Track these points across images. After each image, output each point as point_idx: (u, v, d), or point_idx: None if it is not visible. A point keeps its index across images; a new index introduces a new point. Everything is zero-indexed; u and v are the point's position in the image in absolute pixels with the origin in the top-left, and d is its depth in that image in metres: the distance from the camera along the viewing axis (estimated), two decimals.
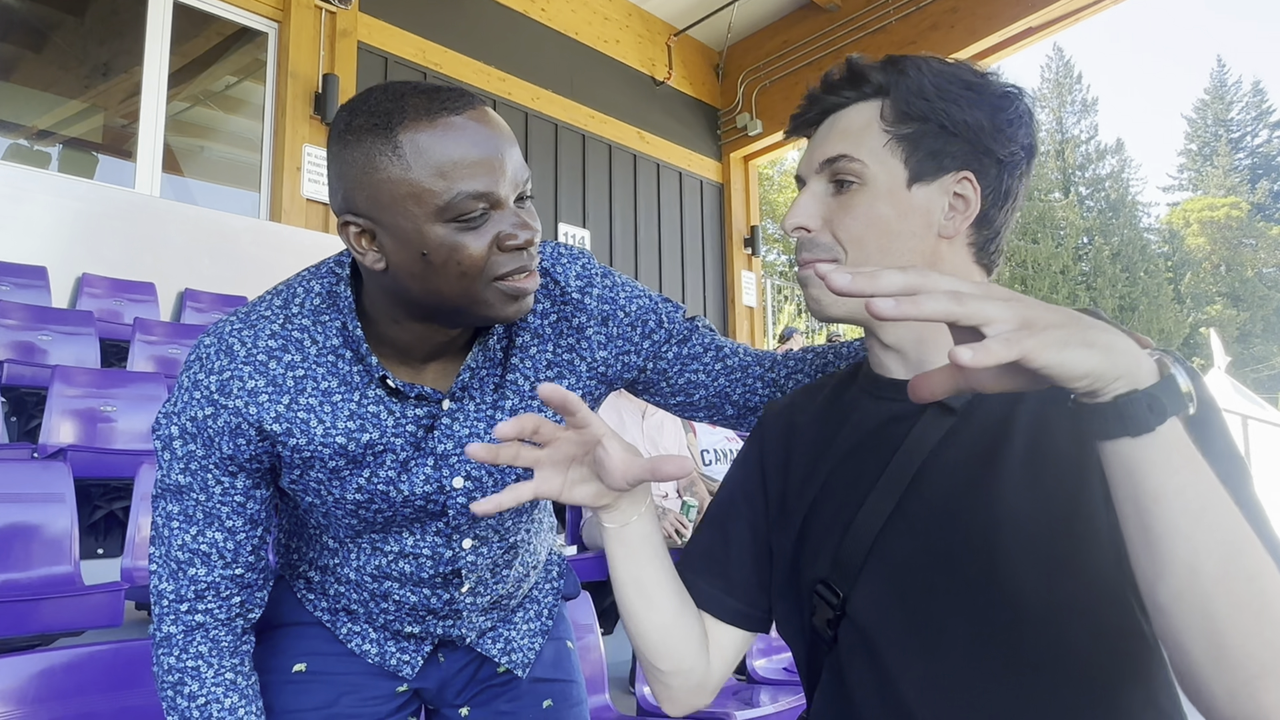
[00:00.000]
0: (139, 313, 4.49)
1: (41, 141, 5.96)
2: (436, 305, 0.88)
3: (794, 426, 0.93)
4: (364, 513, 1.01)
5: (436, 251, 0.84)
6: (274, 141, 5.96)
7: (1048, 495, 0.73)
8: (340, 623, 1.15)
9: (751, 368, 1.10)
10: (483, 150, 0.83)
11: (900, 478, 0.80)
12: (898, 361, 0.86)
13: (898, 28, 8.02)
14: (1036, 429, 0.76)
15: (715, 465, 4.13)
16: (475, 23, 7.26)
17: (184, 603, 0.99)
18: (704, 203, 9.38)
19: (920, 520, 0.78)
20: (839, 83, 0.85)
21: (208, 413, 0.92)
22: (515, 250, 0.86)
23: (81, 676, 1.46)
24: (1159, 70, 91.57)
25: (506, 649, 1.20)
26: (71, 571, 2.19)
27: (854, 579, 0.80)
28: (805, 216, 0.84)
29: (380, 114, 0.83)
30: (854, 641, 0.80)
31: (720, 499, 0.98)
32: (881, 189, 0.81)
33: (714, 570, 0.93)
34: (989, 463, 0.76)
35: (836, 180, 0.83)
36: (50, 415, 2.88)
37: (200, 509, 0.96)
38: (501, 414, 1.02)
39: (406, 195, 0.82)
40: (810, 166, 0.85)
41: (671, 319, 1.08)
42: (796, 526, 0.87)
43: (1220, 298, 34.74)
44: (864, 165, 0.81)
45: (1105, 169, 35.20)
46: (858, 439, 0.86)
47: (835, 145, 0.83)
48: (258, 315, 0.95)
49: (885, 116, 0.82)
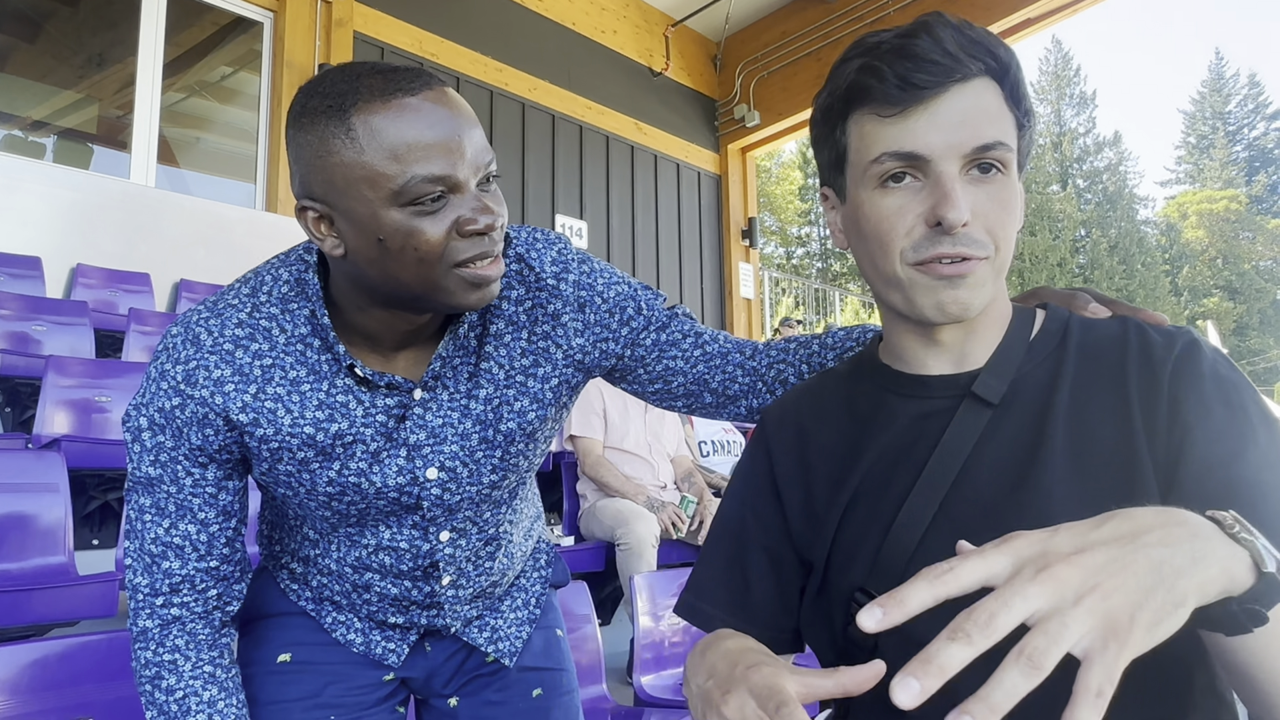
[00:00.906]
0: (134, 303, 4.48)
1: (36, 132, 5.93)
2: (395, 292, 0.87)
3: (805, 434, 0.89)
4: (337, 505, 1.00)
5: (393, 237, 0.82)
6: (269, 132, 5.94)
7: (1097, 486, 0.71)
8: (325, 612, 1.14)
9: (731, 355, 1.08)
10: (439, 132, 0.81)
11: (942, 476, 0.76)
12: (935, 355, 0.82)
13: (896, 18, 7.99)
14: (1077, 418, 0.74)
15: (713, 457, 4.13)
16: (472, 12, 7.23)
17: (159, 596, 0.98)
18: (701, 194, 9.36)
19: (966, 519, 0.75)
20: (961, 52, 0.73)
21: (175, 403, 0.91)
22: (475, 235, 0.84)
23: (75, 666, 1.46)
24: (1157, 64, 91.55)
25: (494, 638, 1.19)
26: (66, 562, 2.19)
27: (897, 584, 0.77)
28: (968, 209, 0.73)
29: (335, 95, 0.81)
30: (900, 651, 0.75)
31: (725, 521, 0.93)
32: (1015, 180, 0.76)
33: (733, 599, 0.89)
34: (1033, 457, 0.74)
35: (980, 167, 0.74)
36: (44, 405, 2.87)
37: (172, 501, 0.95)
38: (476, 403, 1.00)
39: (360, 179, 0.80)
40: (951, 149, 0.73)
41: (651, 306, 1.06)
42: (829, 536, 0.82)
43: (1217, 290, 34.79)
44: (1011, 152, 0.75)
45: (1103, 162, 35.21)
46: (887, 439, 0.82)
47: (989, 130, 0.73)
48: (225, 304, 0.94)
49: (1008, 101, 0.75)
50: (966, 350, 0.81)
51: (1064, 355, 0.78)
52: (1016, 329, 0.81)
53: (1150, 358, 0.74)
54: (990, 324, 0.81)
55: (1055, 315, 0.82)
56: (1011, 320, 0.82)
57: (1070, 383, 0.76)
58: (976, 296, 0.75)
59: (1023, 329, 0.81)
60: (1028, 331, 0.81)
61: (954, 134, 0.72)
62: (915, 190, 0.74)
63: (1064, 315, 0.82)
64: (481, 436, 1.01)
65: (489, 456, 1.02)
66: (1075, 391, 0.75)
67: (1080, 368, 0.77)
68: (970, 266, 0.74)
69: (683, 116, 9.20)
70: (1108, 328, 0.79)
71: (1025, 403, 0.76)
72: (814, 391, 0.93)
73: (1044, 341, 0.80)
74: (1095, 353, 0.77)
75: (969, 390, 0.78)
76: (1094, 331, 0.79)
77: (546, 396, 1.03)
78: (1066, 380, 0.76)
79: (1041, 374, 0.78)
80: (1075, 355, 0.77)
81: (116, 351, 3.97)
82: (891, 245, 0.76)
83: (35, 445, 2.65)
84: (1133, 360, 0.75)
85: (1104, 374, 0.75)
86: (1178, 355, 0.73)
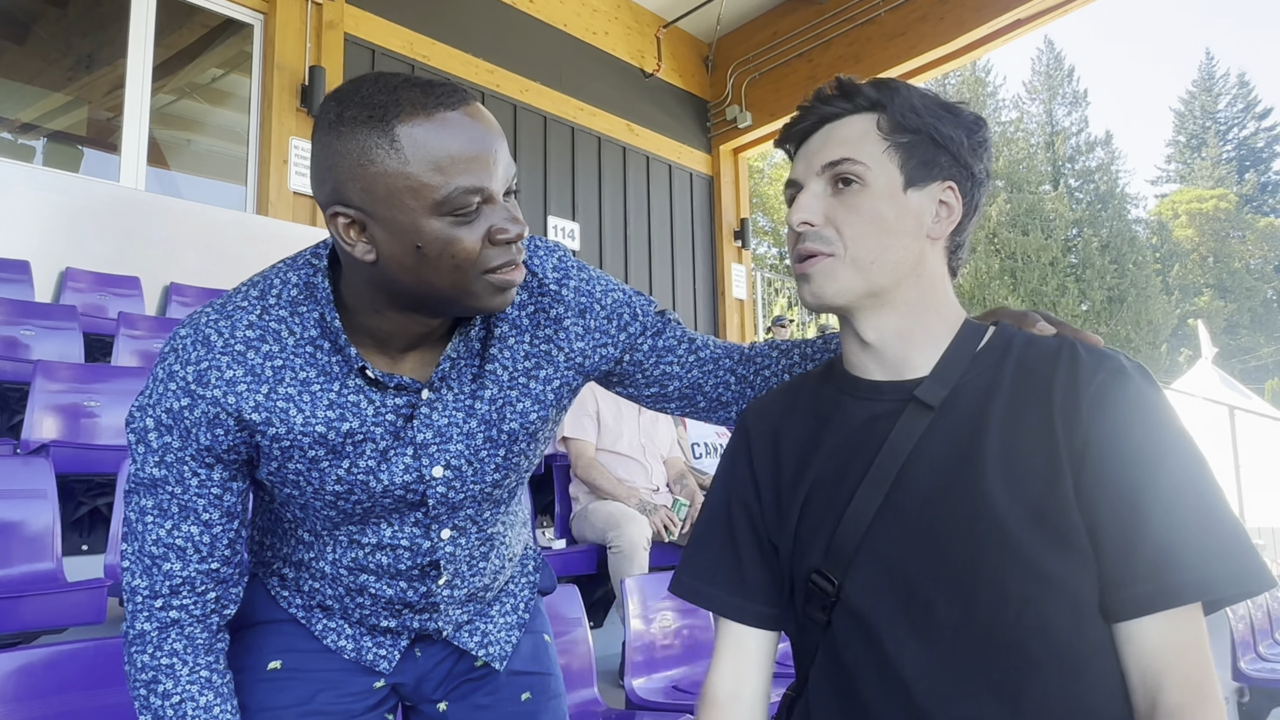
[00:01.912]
0: (123, 307, 4.46)
1: (25, 135, 5.91)
2: (426, 296, 0.90)
3: (779, 430, 0.99)
4: (343, 504, 1.01)
5: (431, 245, 0.85)
6: (260, 134, 5.92)
7: (1023, 489, 0.81)
8: (315, 619, 1.14)
9: (722, 360, 1.13)
10: (477, 146, 0.85)
11: (886, 472, 0.87)
12: (875, 362, 0.93)
13: (887, 19, 8.01)
14: (1009, 427, 0.84)
15: (705, 459, 4.14)
16: (463, 14, 7.22)
17: (158, 599, 0.98)
18: (694, 195, 9.37)
19: (907, 511, 0.85)
20: (833, 96, 0.93)
21: (184, 404, 0.92)
22: (505, 244, 0.88)
23: (63, 674, 1.45)
24: (1147, 64, 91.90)
25: (484, 642, 1.20)
26: (54, 568, 2.18)
27: (847, 567, 0.87)
28: (810, 212, 0.90)
29: (375, 106, 0.83)
30: (849, 624, 0.87)
31: (714, 506, 1.03)
32: (882, 191, 0.89)
33: (731, 578, 0.98)
34: (968, 458, 0.84)
35: (839, 181, 0.90)
36: (33, 410, 2.86)
37: (175, 502, 0.95)
38: (480, 403, 1.02)
39: (404, 189, 0.83)
40: (810, 170, 0.92)
41: (645, 312, 1.11)
42: (793, 524, 0.93)
43: (1208, 289, 34.93)
44: (866, 168, 0.89)
45: (1094, 161, 35.29)
46: (842, 437, 0.92)
47: (837, 150, 0.90)
48: (234, 306, 0.95)
49: (882, 127, 0.90)
50: (904, 357, 0.91)
51: (1003, 367, 0.88)
52: (963, 341, 0.91)
53: (1075, 377, 0.83)
54: (925, 335, 0.91)
55: (1003, 331, 0.92)
56: (959, 332, 0.91)
57: (1006, 392, 0.86)
58: (826, 287, 0.90)
59: (970, 341, 0.91)
60: (975, 343, 0.91)
61: (812, 159, 0.92)
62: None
63: (1011, 332, 0.92)
64: (486, 436, 1.03)
65: (493, 455, 1.05)
66: (1010, 401, 0.85)
67: (1016, 379, 0.86)
68: (814, 262, 0.90)
69: (675, 117, 9.20)
70: (1047, 344, 0.89)
71: (963, 408, 0.87)
72: (789, 392, 1.03)
73: (987, 354, 0.90)
74: (1031, 367, 0.87)
75: (913, 395, 0.89)
76: (1034, 347, 0.89)
77: (548, 398, 1.06)
78: (1003, 390, 0.86)
79: (981, 383, 0.87)
80: (1014, 368, 0.87)
81: (106, 356, 3.96)
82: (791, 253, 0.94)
83: (23, 451, 2.64)
84: (1060, 378, 0.84)
85: (1035, 387, 0.85)
86: (1101, 380, 0.82)
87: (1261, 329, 34.42)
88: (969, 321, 0.93)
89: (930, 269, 0.91)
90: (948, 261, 0.94)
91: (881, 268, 0.88)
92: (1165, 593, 0.76)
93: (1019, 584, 0.79)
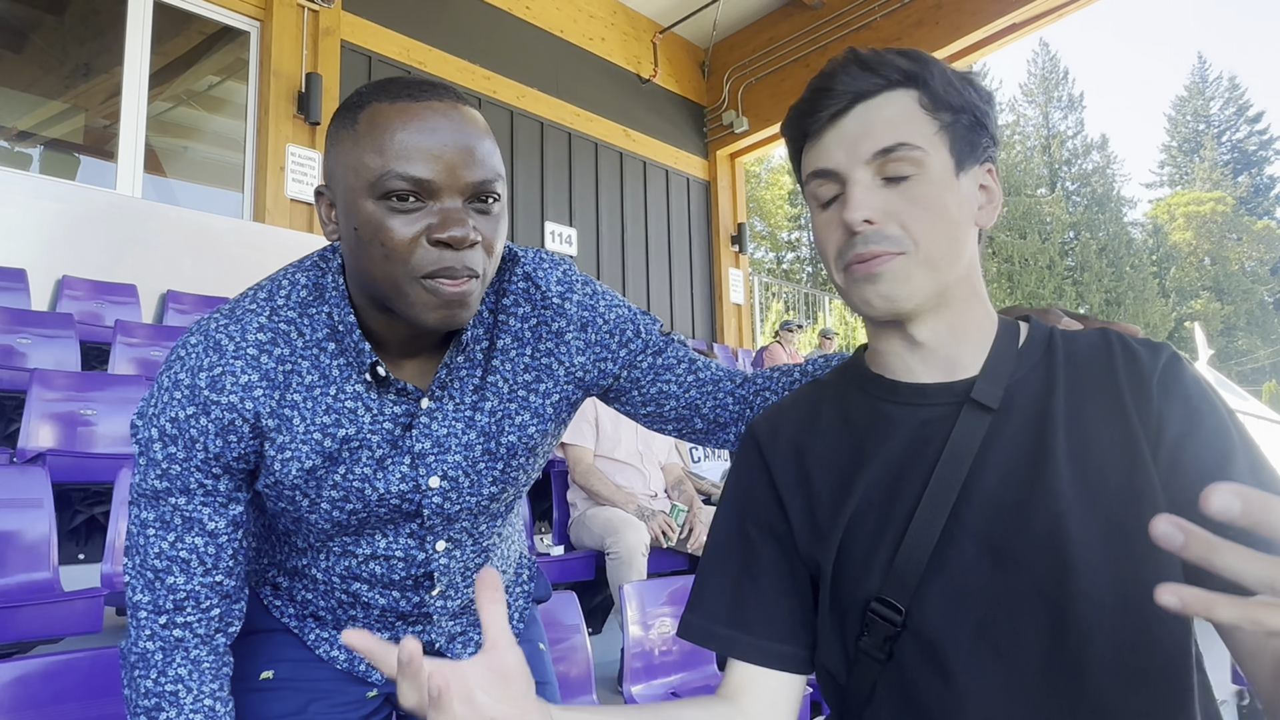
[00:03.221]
0: (120, 315, 4.45)
1: (22, 143, 5.91)
2: (369, 287, 0.89)
3: (800, 446, 0.89)
4: (337, 514, 1.00)
5: (364, 227, 0.85)
6: (257, 141, 5.92)
7: (1102, 488, 0.74)
8: (307, 629, 1.13)
9: (723, 382, 1.10)
10: (433, 139, 0.83)
11: (950, 483, 0.77)
12: (924, 364, 0.84)
13: (883, 24, 8.03)
14: (1075, 423, 0.77)
15: (704, 463, 4.13)
16: (459, 21, 7.23)
17: (161, 615, 0.95)
18: (691, 200, 9.38)
19: (977, 524, 0.76)
20: (860, 70, 0.80)
21: (189, 412, 0.90)
22: (441, 246, 0.84)
23: (59, 685, 1.44)
24: (1141, 67, 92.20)
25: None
26: (50, 578, 2.17)
27: (914, 592, 0.78)
28: (869, 208, 0.78)
29: (360, 95, 0.88)
30: (919, 656, 0.78)
31: (726, 534, 0.92)
32: (940, 177, 0.79)
33: (750, 616, 0.87)
34: (1038, 459, 0.76)
35: (892, 171, 0.78)
36: (29, 419, 2.85)
37: (179, 514, 0.94)
38: (480, 415, 1.01)
39: (350, 167, 0.85)
40: (855, 158, 0.79)
41: (649, 330, 1.09)
42: (834, 547, 0.83)
43: (1205, 291, 34.99)
44: (924, 152, 0.78)
45: (1090, 164, 35.39)
46: (890, 448, 0.83)
47: (887, 135, 0.78)
48: (243, 310, 0.94)
49: (925, 105, 0.79)
50: (955, 356, 0.82)
51: (1053, 362, 0.81)
52: (1005, 337, 0.83)
53: (1138, 366, 0.77)
54: (975, 331, 0.83)
55: (1038, 327, 0.85)
56: (999, 330, 0.84)
57: (1065, 388, 0.79)
58: (899, 290, 0.79)
59: (1011, 337, 0.83)
60: (1015, 341, 0.83)
61: (856, 145, 0.79)
62: (840, 204, 0.81)
63: (1046, 326, 0.85)
64: (484, 448, 1.02)
65: (490, 468, 1.03)
66: (1070, 396, 0.78)
67: (1071, 374, 0.79)
68: (883, 262, 0.78)
69: (671, 123, 9.21)
70: (1090, 338, 0.82)
71: (1023, 407, 0.79)
72: (803, 404, 0.94)
73: (1031, 350, 0.82)
74: (1083, 361, 0.80)
75: (968, 396, 0.80)
76: (1077, 342, 0.82)
77: (547, 412, 1.05)
78: (1060, 386, 0.79)
79: (1035, 380, 0.80)
80: (1064, 363, 0.80)
81: (103, 364, 3.95)
82: (828, 256, 0.84)
83: (20, 459, 2.63)
84: (1121, 366, 0.78)
85: (1096, 380, 0.78)
86: (1164, 365, 0.77)
87: (1258, 331, 34.48)
88: (1002, 319, 0.85)
89: (973, 260, 0.83)
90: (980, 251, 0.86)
91: (951, 265, 0.79)
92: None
93: (1112, 593, 0.71)
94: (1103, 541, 0.72)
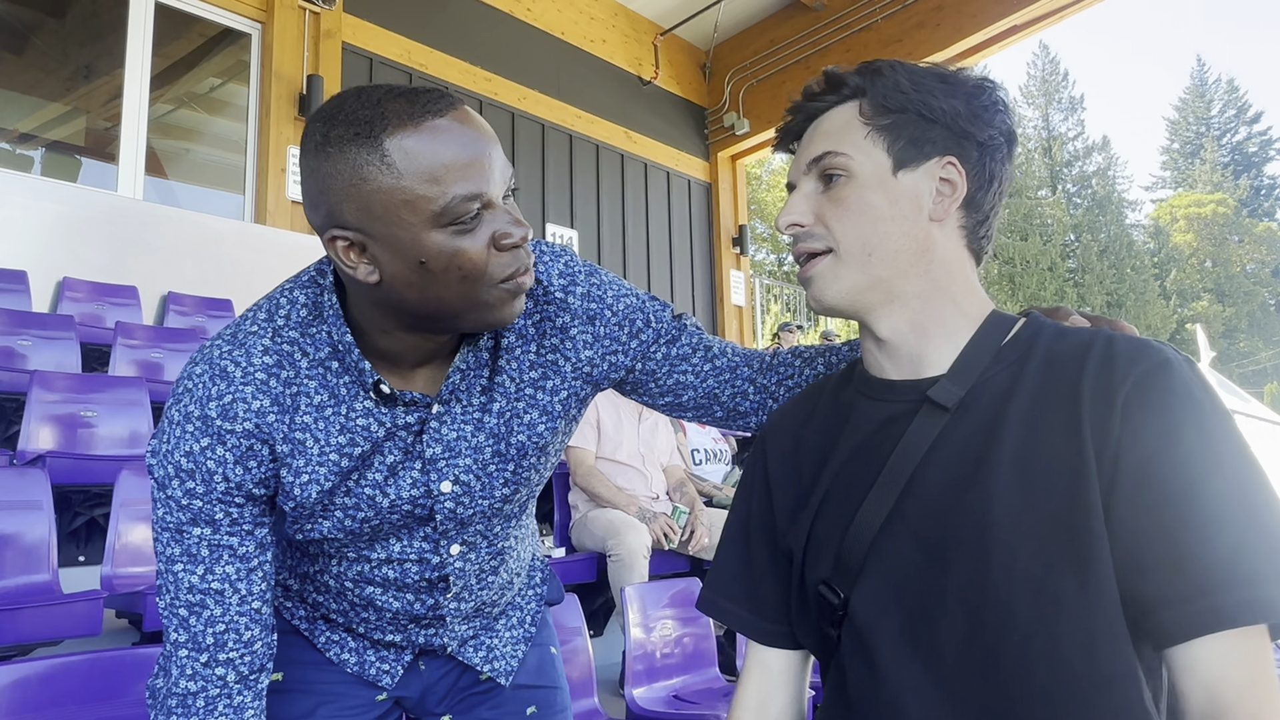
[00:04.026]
0: (121, 316, 4.45)
1: (24, 145, 5.91)
2: (435, 313, 0.86)
3: (798, 437, 0.94)
4: (350, 523, 0.98)
5: (436, 259, 0.82)
6: (258, 143, 5.92)
7: (1039, 498, 0.73)
8: (318, 631, 1.12)
9: (740, 369, 1.08)
10: (471, 151, 0.81)
11: (897, 478, 0.81)
12: (890, 361, 0.87)
13: (883, 26, 8.03)
14: (1027, 428, 0.76)
15: (705, 465, 4.12)
16: (460, 23, 7.23)
17: (203, 653, 0.92)
18: (692, 202, 9.37)
19: (916, 520, 0.79)
20: (818, 91, 0.89)
21: (203, 445, 0.88)
22: (512, 249, 0.85)
23: (58, 688, 1.44)
24: (1140, 70, 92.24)
25: (489, 657, 1.18)
26: (50, 580, 2.16)
27: (854, 579, 0.82)
28: (798, 214, 0.86)
29: (361, 122, 0.80)
30: (853, 642, 0.82)
31: (733, 523, 1.00)
32: (869, 179, 0.84)
33: (748, 596, 0.95)
34: (981, 461, 0.77)
35: (824, 176, 0.86)
36: (29, 421, 2.84)
37: (205, 544, 0.91)
38: (489, 416, 1.00)
39: (400, 204, 0.80)
40: (799, 170, 0.89)
41: (659, 318, 1.06)
42: (805, 532, 0.88)
43: (1206, 293, 34.96)
44: (848, 158, 0.84)
45: (1091, 166, 35.38)
46: (858, 441, 0.87)
47: (819, 145, 0.86)
48: (245, 333, 0.91)
49: (864, 112, 0.85)
50: (919, 353, 0.85)
51: (1028, 362, 0.80)
52: (986, 335, 0.84)
53: (1109, 372, 0.74)
54: (940, 328, 0.84)
55: (1033, 322, 0.85)
56: (982, 326, 0.84)
57: (1029, 390, 0.78)
58: (829, 289, 0.85)
59: (994, 335, 0.84)
60: (1000, 338, 0.83)
61: (800, 158, 0.89)
62: None
63: (1042, 323, 0.85)
64: (494, 450, 1.00)
65: (501, 470, 1.02)
66: (1032, 399, 0.77)
67: (1042, 375, 0.79)
68: (814, 264, 0.86)
69: (672, 124, 9.21)
70: (1079, 336, 0.80)
71: (981, 408, 0.80)
72: (810, 397, 0.98)
73: (1013, 349, 0.82)
74: (1059, 361, 0.79)
75: (926, 395, 0.83)
76: (1066, 339, 0.81)
77: (555, 409, 1.03)
78: (1025, 388, 0.79)
79: (1003, 380, 0.80)
80: (1039, 363, 0.80)
81: (103, 366, 3.94)
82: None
83: (20, 461, 2.62)
84: (1090, 372, 0.75)
85: (1060, 383, 0.77)
86: (1138, 378, 0.73)
87: (1260, 333, 34.45)
88: (996, 313, 0.85)
89: (942, 255, 0.84)
90: (967, 242, 0.86)
91: (881, 259, 0.83)
92: (1220, 612, 0.66)
93: (1027, 604, 0.71)
94: (1031, 553, 0.72)
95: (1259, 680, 0.67)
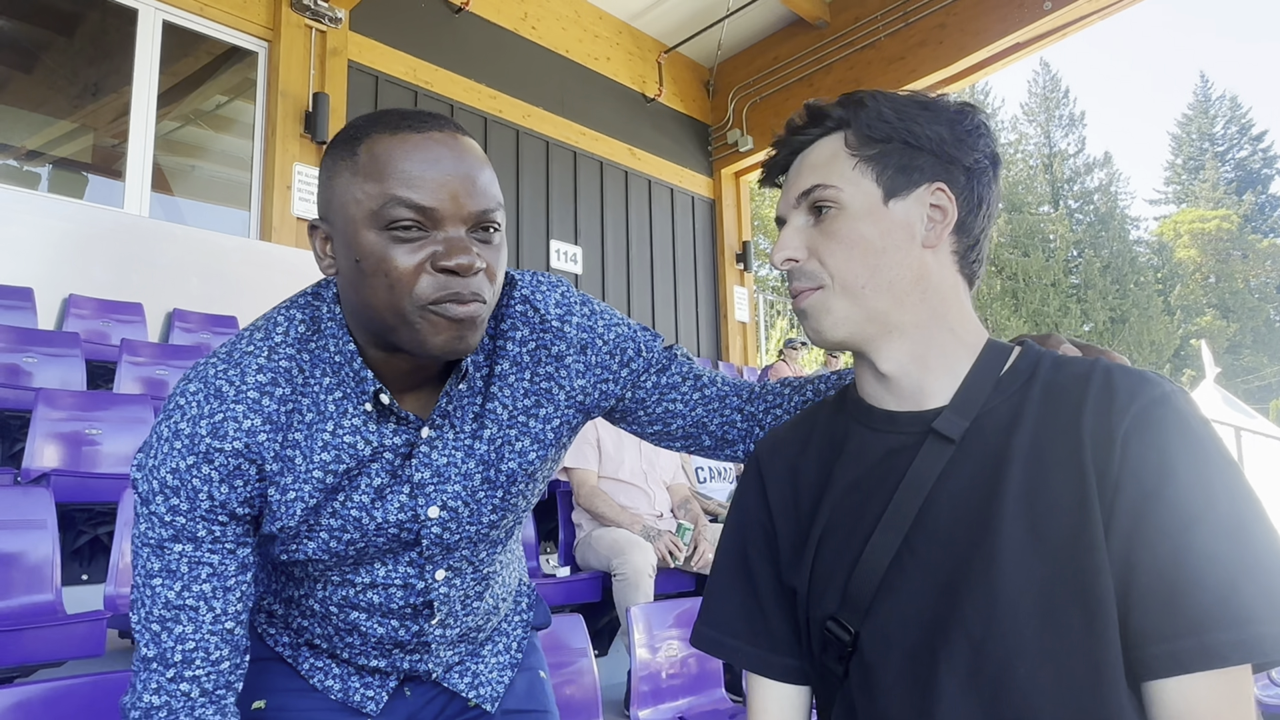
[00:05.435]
0: (126, 333, 4.46)
1: (31, 162, 5.94)
2: (372, 320, 0.87)
3: (795, 466, 0.93)
4: (335, 545, 0.97)
5: (367, 259, 0.84)
6: (264, 160, 5.95)
7: (1046, 532, 0.73)
8: (302, 658, 1.11)
9: (729, 398, 1.09)
10: (435, 169, 0.83)
11: (905, 512, 0.80)
12: (890, 391, 0.86)
13: (886, 44, 8.07)
14: (1032, 461, 0.76)
15: (710, 483, 4.11)
16: (465, 41, 7.28)
17: (169, 669, 0.91)
18: (696, 219, 9.40)
19: (926, 553, 0.78)
20: (801, 125, 0.89)
21: (189, 462, 0.88)
22: (447, 273, 0.83)
23: (61, 710, 1.43)
24: (1143, 86, 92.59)
25: (475, 683, 1.17)
26: (53, 600, 2.15)
27: (864, 614, 0.81)
28: (791, 249, 0.86)
29: (356, 128, 0.87)
30: (861, 676, 0.81)
31: (729, 552, 0.96)
32: (860, 210, 0.83)
33: (753, 629, 0.92)
34: (989, 495, 0.76)
35: (814, 209, 0.86)
36: (34, 439, 2.84)
37: (185, 560, 0.90)
38: (480, 443, 1.00)
39: (349, 199, 0.85)
40: (788, 204, 0.89)
41: (650, 348, 1.07)
42: (809, 565, 0.87)
43: (1210, 309, 34.92)
44: (838, 190, 0.84)
45: (1094, 182, 35.42)
46: (857, 473, 0.86)
47: (808, 178, 0.86)
48: (240, 352, 0.92)
49: (850, 144, 0.85)
50: (921, 385, 0.84)
51: (1029, 393, 0.80)
52: (985, 364, 0.83)
53: (1110, 405, 0.74)
54: (940, 360, 0.84)
55: (1029, 352, 0.84)
56: (981, 355, 0.84)
57: (1032, 422, 0.78)
58: (823, 322, 0.85)
59: (993, 364, 0.83)
60: (998, 367, 0.83)
61: (789, 192, 0.89)
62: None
63: (1038, 352, 0.84)
64: (484, 477, 1.00)
65: (490, 496, 1.01)
66: (1036, 431, 0.77)
67: (1042, 406, 0.78)
68: (805, 299, 0.86)
69: (676, 141, 9.25)
70: (1077, 367, 0.80)
71: (986, 440, 0.79)
72: (803, 425, 0.97)
73: (1012, 378, 0.82)
74: (1059, 392, 0.78)
75: (931, 427, 0.82)
76: (1063, 370, 0.81)
77: (548, 437, 1.03)
78: (1028, 420, 0.78)
79: (1005, 411, 0.80)
80: (1040, 394, 0.79)
81: (108, 383, 3.95)
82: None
83: (24, 480, 2.62)
84: (1091, 405, 0.75)
85: (1062, 415, 0.77)
86: (1138, 412, 0.73)
87: (1265, 349, 34.38)
88: (993, 342, 0.85)
89: (937, 282, 0.84)
90: (959, 266, 0.86)
91: (875, 290, 0.82)
92: (1209, 651, 0.66)
93: (1034, 638, 0.71)
94: (1037, 591, 0.72)
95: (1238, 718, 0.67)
